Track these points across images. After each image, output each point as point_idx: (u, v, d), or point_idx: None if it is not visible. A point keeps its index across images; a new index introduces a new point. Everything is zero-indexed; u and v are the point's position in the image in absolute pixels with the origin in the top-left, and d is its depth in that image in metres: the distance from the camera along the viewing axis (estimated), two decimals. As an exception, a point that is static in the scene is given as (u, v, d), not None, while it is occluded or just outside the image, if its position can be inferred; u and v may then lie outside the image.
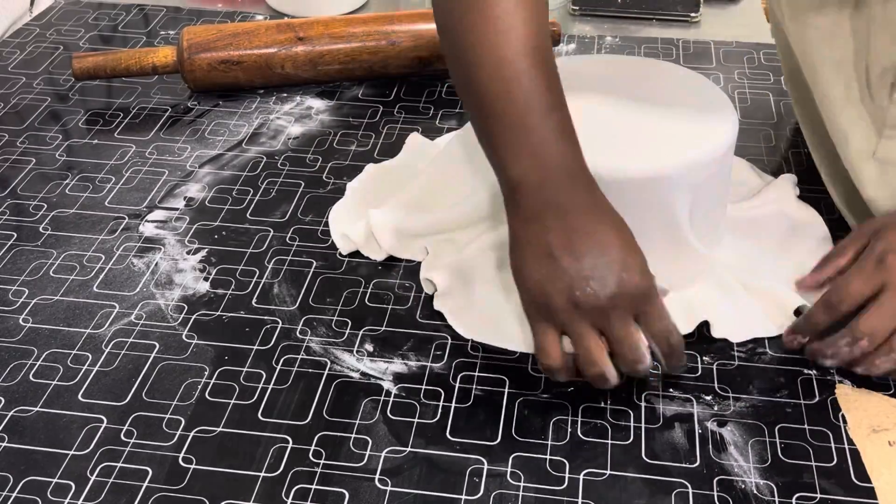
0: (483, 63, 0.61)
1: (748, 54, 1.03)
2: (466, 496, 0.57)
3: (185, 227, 0.79)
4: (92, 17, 1.12)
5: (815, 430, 0.61)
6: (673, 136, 0.68)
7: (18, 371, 0.66)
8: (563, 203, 0.59)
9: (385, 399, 0.64)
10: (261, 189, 0.83)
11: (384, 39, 0.97)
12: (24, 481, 0.58)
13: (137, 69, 0.95)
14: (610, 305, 0.57)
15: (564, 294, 0.57)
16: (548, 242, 0.58)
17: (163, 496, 0.57)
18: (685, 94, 0.73)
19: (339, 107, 0.96)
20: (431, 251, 0.74)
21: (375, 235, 0.75)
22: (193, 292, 0.72)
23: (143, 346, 0.68)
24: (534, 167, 0.60)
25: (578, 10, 1.13)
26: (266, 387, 0.64)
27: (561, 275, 0.57)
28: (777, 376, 0.65)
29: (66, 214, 0.80)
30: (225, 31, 0.96)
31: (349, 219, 0.78)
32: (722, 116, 0.70)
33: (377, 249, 0.75)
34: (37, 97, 0.97)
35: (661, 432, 0.61)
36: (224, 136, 0.91)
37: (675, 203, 0.67)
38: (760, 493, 0.57)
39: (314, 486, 0.58)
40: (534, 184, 0.60)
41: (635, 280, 0.57)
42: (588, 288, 0.57)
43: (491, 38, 0.61)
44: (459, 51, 0.63)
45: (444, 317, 0.69)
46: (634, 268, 0.57)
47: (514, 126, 0.60)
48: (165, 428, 0.61)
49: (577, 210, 0.59)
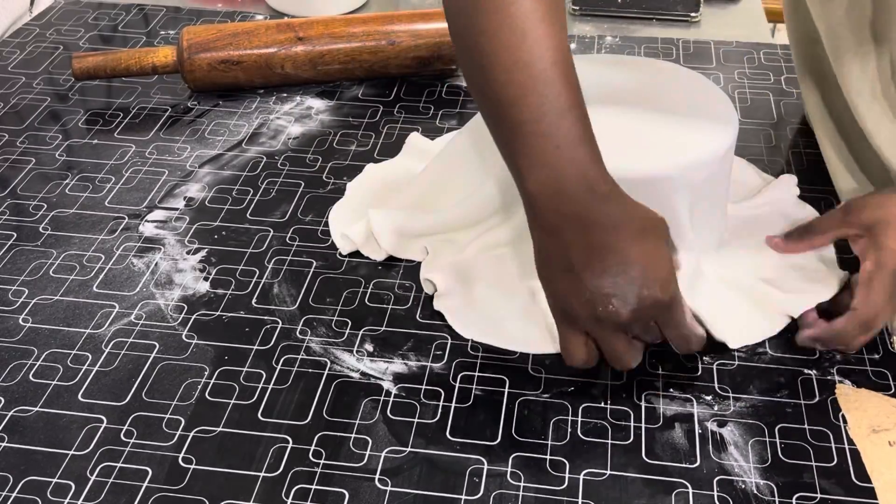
0: (496, 66, 0.59)
1: (748, 54, 1.03)
2: (466, 496, 0.57)
3: (185, 227, 0.79)
4: (92, 17, 1.12)
5: (815, 430, 0.61)
6: (673, 136, 0.68)
7: (18, 371, 0.66)
8: (582, 216, 0.58)
9: (385, 399, 0.64)
10: (261, 189, 0.83)
11: (384, 39, 0.97)
12: (24, 481, 0.58)
13: (137, 69, 0.95)
14: (632, 319, 0.58)
15: (587, 308, 0.58)
16: (568, 258, 0.58)
17: (163, 496, 0.57)
18: (686, 95, 0.73)
19: (339, 107, 0.96)
20: (431, 251, 0.74)
21: (375, 235, 0.75)
22: (193, 292, 0.72)
23: (142, 346, 0.68)
24: (549, 178, 0.59)
25: (578, 10, 1.13)
26: (266, 387, 0.64)
27: (583, 290, 0.58)
28: (777, 376, 0.65)
29: (66, 214, 0.80)
30: (225, 31, 0.96)
31: (349, 219, 0.78)
32: (723, 117, 0.70)
33: (377, 249, 0.75)
34: (37, 97, 0.97)
35: (661, 432, 0.61)
36: (224, 136, 0.91)
37: (675, 203, 0.67)
38: (760, 493, 0.57)
39: (314, 486, 0.58)
40: (549, 196, 0.59)
41: (657, 295, 0.57)
42: (610, 306, 0.57)
43: (506, 39, 0.59)
44: (472, 54, 0.61)
45: (444, 317, 0.69)
46: (655, 284, 0.57)
47: (528, 134, 0.59)
48: (165, 428, 0.61)
49: (597, 224, 0.58)
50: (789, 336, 0.67)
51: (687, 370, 0.65)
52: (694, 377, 0.65)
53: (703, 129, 0.69)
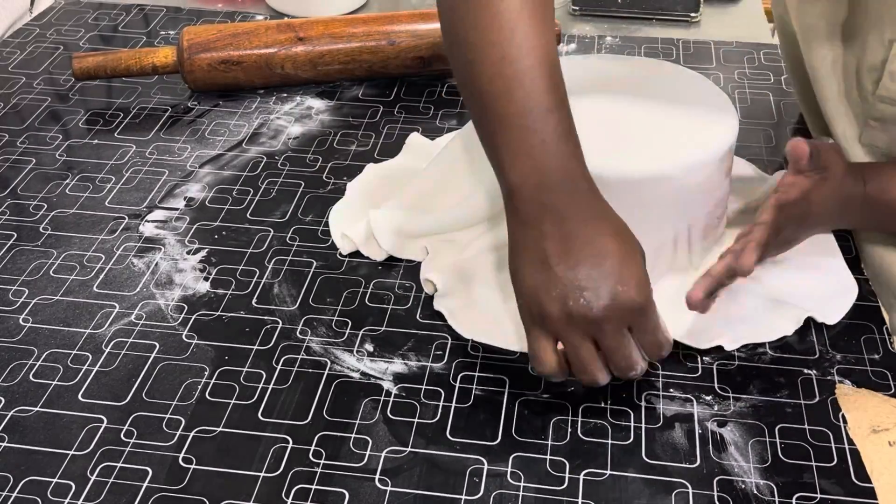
0: (484, 61, 0.60)
1: (748, 54, 1.03)
2: (466, 496, 0.57)
3: (185, 227, 0.79)
4: (92, 17, 1.12)
5: (815, 430, 0.61)
6: (674, 136, 0.68)
7: (18, 371, 0.66)
8: (561, 209, 0.58)
9: (385, 399, 0.64)
10: (261, 189, 0.83)
11: (384, 39, 0.97)
12: (24, 481, 0.58)
13: (137, 69, 0.95)
14: (603, 317, 0.56)
15: (558, 303, 0.57)
16: (543, 249, 0.58)
17: (163, 496, 0.57)
18: (686, 95, 0.73)
19: (339, 107, 0.96)
20: (431, 251, 0.74)
21: (375, 236, 0.75)
22: (193, 292, 0.72)
23: (143, 346, 0.68)
24: (532, 170, 0.59)
25: (578, 10, 1.13)
26: (266, 387, 0.64)
27: (555, 283, 0.57)
28: (777, 376, 0.65)
29: (66, 214, 0.80)
30: (225, 31, 0.96)
31: (349, 219, 0.78)
32: (723, 117, 0.70)
33: (377, 250, 0.75)
34: (37, 97, 0.97)
35: (661, 432, 0.61)
36: (224, 136, 0.91)
37: (675, 203, 0.67)
38: (760, 493, 0.57)
39: (314, 486, 0.58)
40: (532, 187, 0.59)
41: (631, 294, 0.56)
42: (582, 299, 0.56)
43: (494, 35, 0.60)
44: (461, 48, 0.62)
45: (444, 317, 0.69)
46: (631, 281, 0.57)
47: (513, 127, 0.60)
48: (165, 428, 0.61)
49: (576, 217, 0.58)
50: (790, 336, 0.68)
51: (687, 370, 0.65)
52: (694, 377, 0.65)
53: (703, 129, 0.69)
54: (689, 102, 0.72)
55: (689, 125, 0.69)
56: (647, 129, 0.69)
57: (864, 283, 0.72)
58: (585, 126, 0.62)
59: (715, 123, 0.69)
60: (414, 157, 0.86)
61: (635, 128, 0.69)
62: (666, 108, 0.71)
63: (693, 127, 0.69)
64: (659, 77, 0.75)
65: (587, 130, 0.62)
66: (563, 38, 1.06)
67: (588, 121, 0.65)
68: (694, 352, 0.66)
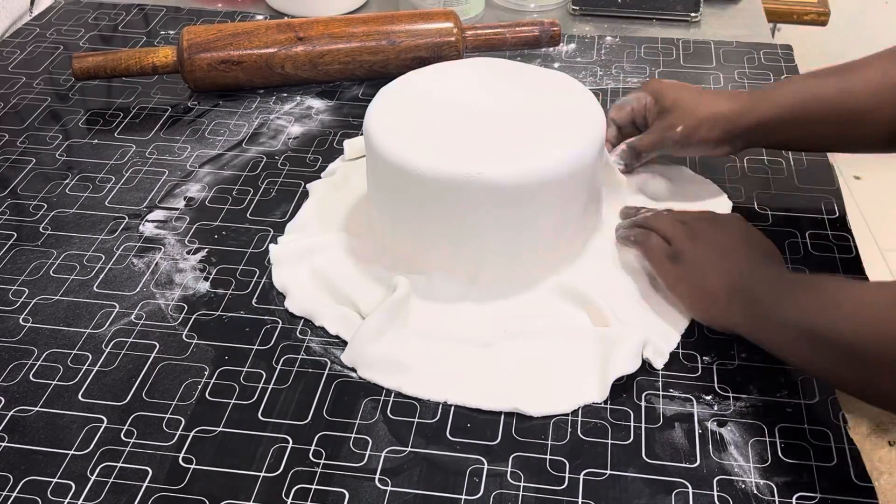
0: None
1: (748, 54, 1.03)
2: (466, 496, 0.57)
3: (185, 227, 0.79)
4: (92, 17, 1.12)
5: (815, 430, 0.61)
6: (542, 136, 0.69)
7: (18, 371, 0.66)
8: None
9: (385, 399, 0.64)
10: (261, 189, 0.83)
11: (384, 39, 0.97)
12: (24, 481, 0.58)
13: (137, 69, 0.95)
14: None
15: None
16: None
17: (163, 496, 0.57)
18: (552, 95, 0.74)
19: (339, 107, 0.96)
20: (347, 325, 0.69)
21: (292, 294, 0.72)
22: (193, 292, 0.72)
23: (143, 346, 0.68)
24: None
25: (578, 10, 1.13)
26: (266, 387, 0.64)
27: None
28: (777, 376, 0.65)
29: (66, 214, 0.80)
30: (225, 31, 0.96)
31: (291, 260, 0.74)
32: (589, 115, 0.71)
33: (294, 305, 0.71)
34: (37, 97, 0.97)
35: (661, 432, 0.61)
36: (224, 135, 0.91)
37: (547, 204, 0.68)
38: (760, 493, 0.57)
39: (314, 486, 0.58)
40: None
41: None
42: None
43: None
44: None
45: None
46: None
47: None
48: (165, 428, 0.61)
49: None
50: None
51: (687, 370, 0.65)
52: (694, 377, 0.65)
53: (570, 128, 0.70)
54: (555, 102, 0.73)
55: (557, 125, 0.70)
56: (516, 131, 0.70)
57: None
58: (456, 131, 0.68)
59: (582, 122, 0.70)
60: (354, 166, 0.84)
61: (504, 130, 0.70)
62: (533, 109, 0.72)
63: (561, 126, 0.70)
64: (527, 79, 0.76)
65: (457, 136, 0.68)
66: (564, 38, 1.06)
67: (458, 126, 0.69)
68: (694, 351, 0.66)
